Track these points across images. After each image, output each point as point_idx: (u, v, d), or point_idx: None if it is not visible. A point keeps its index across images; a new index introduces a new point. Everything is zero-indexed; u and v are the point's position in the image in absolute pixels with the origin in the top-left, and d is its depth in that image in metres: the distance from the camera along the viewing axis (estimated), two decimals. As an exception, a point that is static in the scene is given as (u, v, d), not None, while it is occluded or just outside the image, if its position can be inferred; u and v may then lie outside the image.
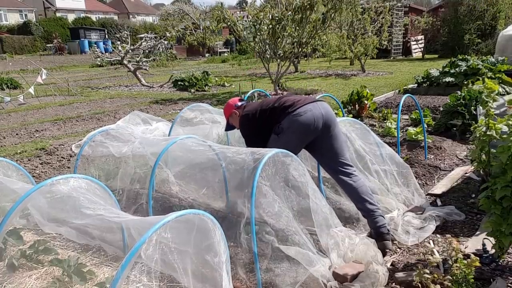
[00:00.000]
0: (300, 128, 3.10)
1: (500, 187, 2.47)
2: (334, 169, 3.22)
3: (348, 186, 3.16)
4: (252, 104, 3.51)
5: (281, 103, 3.24)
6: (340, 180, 3.21)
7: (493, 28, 19.12)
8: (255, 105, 3.46)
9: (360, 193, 3.11)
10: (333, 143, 3.19)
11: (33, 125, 8.03)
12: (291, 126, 3.11)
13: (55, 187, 2.47)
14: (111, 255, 3.01)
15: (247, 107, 3.48)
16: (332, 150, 3.19)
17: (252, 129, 3.36)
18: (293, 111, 3.12)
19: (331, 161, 3.22)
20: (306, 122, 3.09)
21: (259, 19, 9.84)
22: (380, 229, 3.02)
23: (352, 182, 3.14)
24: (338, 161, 3.19)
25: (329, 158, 3.23)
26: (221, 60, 24.18)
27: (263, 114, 3.29)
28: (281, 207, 2.70)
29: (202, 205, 3.86)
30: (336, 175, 3.22)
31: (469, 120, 5.71)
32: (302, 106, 3.13)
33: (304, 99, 3.26)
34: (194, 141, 3.40)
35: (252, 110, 3.37)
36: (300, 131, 3.12)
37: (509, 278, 2.59)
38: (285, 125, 3.12)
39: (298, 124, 3.09)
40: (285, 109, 3.17)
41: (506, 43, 9.75)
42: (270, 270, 2.76)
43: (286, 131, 3.12)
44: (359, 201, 3.12)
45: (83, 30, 36.57)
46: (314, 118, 3.09)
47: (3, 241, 2.87)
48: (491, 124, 2.90)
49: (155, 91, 12.65)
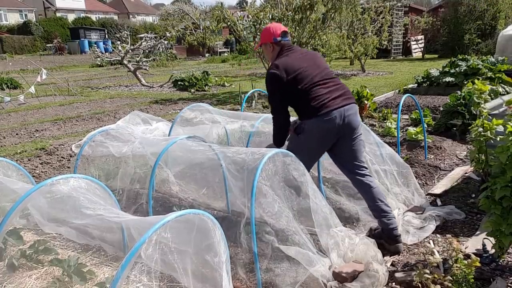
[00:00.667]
0: (321, 134, 3.00)
1: (499, 187, 2.47)
2: (350, 170, 3.14)
3: (364, 186, 3.11)
4: (287, 61, 3.07)
5: (313, 93, 2.98)
6: (355, 180, 3.14)
7: (493, 28, 19.12)
8: (288, 65, 3.04)
9: (375, 193, 3.08)
10: (353, 146, 3.10)
11: (33, 125, 8.03)
12: (313, 130, 3.00)
13: (55, 187, 2.47)
14: (111, 255, 3.01)
15: (282, 58, 3.10)
16: (351, 152, 3.11)
17: (277, 88, 3.05)
18: (320, 113, 2.94)
19: (348, 162, 3.14)
20: (329, 130, 2.98)
21: (259, 19, 9.84)
22: (393, 231, 3.01)
23: (369, 182, 3.11)
24: (355, 163, 3.12)
25: (346, 159, 3.14)
26: (221, 60, 24.18)
27: (293, 84, 3.00)
28: (281, 207, 2.70)
29: (202, 205, 3.86)
30: (352, 175, 3.15)
31: (469, 120, 5.71)
32: (331, 111, 2.95)
33: (336, 95, 3.02)
34: (194, 141, 3.41)
35: (283, 70, 3.01)
36: (321, 136, 3.02)
37: (509, 278, 2.59)
38: (308, 128, 3.01)
39: (320, 131, 2.98)
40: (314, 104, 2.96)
41: (506, 43, 9.77)
42: (270, 270, 2.76)
43: (308, 134, 3.01)
44: (374, 201, 3.07)
45: (83, 30, 36.55)
46: (337, 126, 2.97)
47: (3, 241, 2.88)
48: (486, 124, 2.90)
49: (155, 91, 12.65)
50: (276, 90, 3.07)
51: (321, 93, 3.00)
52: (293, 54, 3.14)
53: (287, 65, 3.04)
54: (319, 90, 3.01)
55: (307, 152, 3.07)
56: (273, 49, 3.22)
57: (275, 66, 3.05)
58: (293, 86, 3.00)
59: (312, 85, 3.02)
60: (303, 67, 3.05)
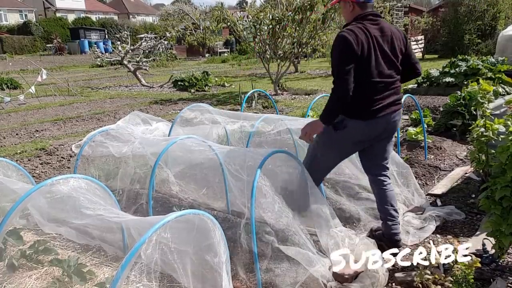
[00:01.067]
0: (361, 139, 2.85)
1: (499, 187, 2.47)
2: (375, 170, 3.05)
3: (381, 186, 3.03)
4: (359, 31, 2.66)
5: (370, 91, 2.71)
6: (375, 180, 3.05)
7: (493, 28, 19.12)
8: (362, 35, 2.64)
9: (389, 197, 3.02)
10: (386, 146, 3.02)
11: (33, 125, 8.03)
12: (354, 132, 2.80)
13: (55, 187, 2.47)
14: (111, 255, 3.01)
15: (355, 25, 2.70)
16: (379, 154, 3.02)
17: (345, 53, 2.63)
18: (369, 118, 2.75)
19: (373, 163, 3.04)
20: (370, 136, 2.83)
21: (259, 19, 9.84)
22: (394, 236, 2.98)
23: (387, 184, 3.04)
24: (382, 163, 3.04)
25: (375, 159, 3.03)
26: (221, 60, 24.18)
27: (361, 64, 2.64)
28: (281, 207, 2.70)
29: (202, 205, 3.86)
30: (374, 176, 3.06)
31: (469, 120, 5.71)
32: (380, 118, 2.75)
33: (391, 100, 2.79)
34: (194, 141, 3.40)
35: (356, 39, 2.62)
36: (360, 141, 2.88)
37: (509, 278, 2.59)
38: (350, 127, 2.77)
39: (362, 135, 2.82)
40: (365, 105, 2.73)
41: (506, 43, 9.75)
42: (270, 270, 2.76)
43: (347, 134, 2.80)
44: (386, 203, 3.00)
45: (83, 30, 36.57)
46: (380, 132, 2.83)
47: (3, 241, 2.87)
48: (488, 125, 2.90)
49: (155, 91, 12.65)
50: (343, 54, 2.64)
51: (378, 95, 2.72)
52: (372, 28, 2.72)
53: (358, 31, 2.65)
54: (377, 89, 2.72)
55: (338, 150, 2.93)
56: (353, 9, 2.80)
57: (351, 31, 2.65)
58: (362, 60, 2.64)
59: (372, 80, 2.69)
60: (373, 51, 2.67)
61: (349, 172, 4.05)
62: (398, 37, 2.84)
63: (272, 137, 4.78)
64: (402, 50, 2.87)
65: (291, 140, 4.47)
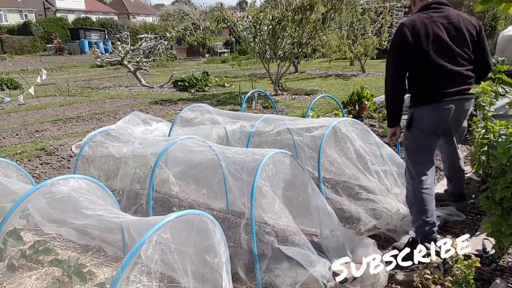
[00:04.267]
0: (428, 125, 2.86)
1: (500, 188, 2.47)
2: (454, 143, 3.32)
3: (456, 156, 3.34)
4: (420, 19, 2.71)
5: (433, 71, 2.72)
6: (451, 151, 3.34)
7: (493, 28, 19.13)
8: (421, 23, 2.69)
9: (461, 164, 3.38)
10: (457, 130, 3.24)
11: (33, 125, 8.03)
12: (418, 119, 2.85)
13: (55, 187, 2.47)
14: (111, 256, 3.01)
15: (419, 17, 2.74)
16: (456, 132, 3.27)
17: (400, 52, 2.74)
18: (428, 98, 2.77)
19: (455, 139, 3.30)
20: (435, 121, 2.84)
21: (259, 19, 9.84)
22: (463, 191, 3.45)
23: (459, 153, 3.36)
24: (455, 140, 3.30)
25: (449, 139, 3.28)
26: (221, 61, 24.18)
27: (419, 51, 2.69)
28: (281, 208, 2.70)
29: (202, 206, 3.86)
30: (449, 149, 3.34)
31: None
32: (442, 102, 2.75)
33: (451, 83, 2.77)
34: (194, 142, 3.41)
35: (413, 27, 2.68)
36: (428, 128, 2.88)
37: (509, 278, 2.59)
38: (415, 114, 2.85)
39: (428, 121, 2.84)
40: (426, 85, 2.76)
41: (506, 44, 9.74)
42: (270, 270, 2.76)
43: (416, 128, 2.89)
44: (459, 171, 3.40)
45: (83, 30, 36.62)
46: (444, 117, 2.83)
47: (3, 242, 2.87)
48: (490, 126, 2.90)
49: (155, 91, 12.65)
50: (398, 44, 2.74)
51: (440, 81, 2.74)
52: (436, 16, 2.74)
53: (419, 29, 2.68)
54: (439, 75, 2.73)
55: (425, 147, 2.96)
56: (415, 3, 2.89)
57: (413, 20, 2.72)
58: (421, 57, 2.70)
59: (433, 66, 2.71)
60: (435, 38, 2.69)
61: (349, 172, 4.05)
62: (469, 24, 2.82)
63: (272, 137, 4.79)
64: (474, 38, 2.84)
65: (291, 140, 4.47)
